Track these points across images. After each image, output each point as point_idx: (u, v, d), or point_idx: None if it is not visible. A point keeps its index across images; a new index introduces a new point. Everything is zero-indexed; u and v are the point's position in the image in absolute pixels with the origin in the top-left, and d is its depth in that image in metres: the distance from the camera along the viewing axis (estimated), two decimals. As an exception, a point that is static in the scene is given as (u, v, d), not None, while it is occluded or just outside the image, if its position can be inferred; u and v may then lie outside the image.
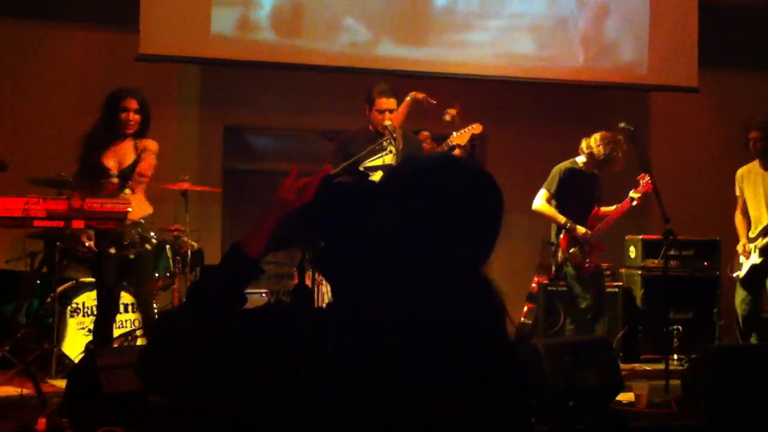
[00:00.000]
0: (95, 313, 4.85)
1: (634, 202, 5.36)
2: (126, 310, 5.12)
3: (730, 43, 7.58)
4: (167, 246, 5.48)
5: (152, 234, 4.64)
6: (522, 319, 6.08)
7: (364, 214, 1.38)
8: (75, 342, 4.98)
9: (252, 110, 7.03)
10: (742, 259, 5.58)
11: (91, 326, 5.04)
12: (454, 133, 4.91)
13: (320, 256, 1.45)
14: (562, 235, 5.22)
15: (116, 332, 5.09)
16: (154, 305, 5.15)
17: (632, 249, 6.39)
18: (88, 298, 5.09)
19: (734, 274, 5.66)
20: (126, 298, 5.09)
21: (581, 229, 5.19)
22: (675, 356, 5.72)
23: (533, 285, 6.00)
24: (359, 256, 1.38)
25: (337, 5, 6.68)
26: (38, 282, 5.26)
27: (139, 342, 5.01)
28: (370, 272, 1.36)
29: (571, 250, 5.20)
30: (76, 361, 4.61)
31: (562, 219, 5.19)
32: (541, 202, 5.23)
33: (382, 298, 1.31)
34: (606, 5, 7.12)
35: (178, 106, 6.90)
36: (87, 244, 4.66)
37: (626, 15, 7.16)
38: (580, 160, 5.29)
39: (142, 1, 6.21)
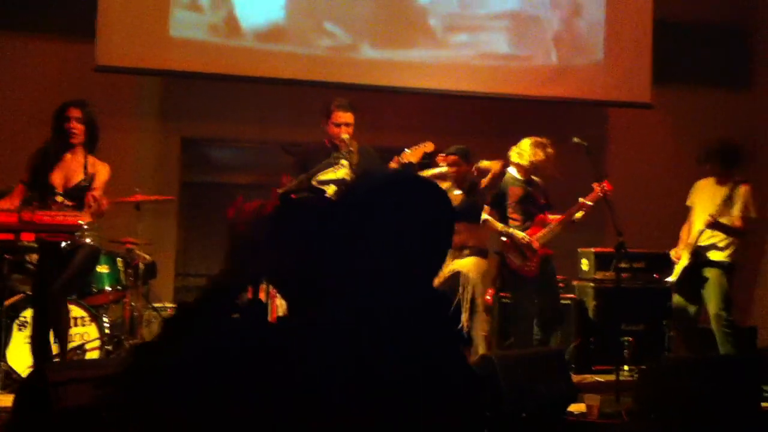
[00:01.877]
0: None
1: (584, 209, 5.44)
2: (76, 324, 5.03)
3: (685, 59, 7.72)
4: (118, 259, 5.42)
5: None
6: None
7: (320, 231, 1.39)
8: (23, 356, 4.87)
9: (211, 122, 6.96)
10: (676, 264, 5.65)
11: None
12: (407, 150, 4.95)
13: (276, 271, 1.46)
14: (503, 243, 5.40)
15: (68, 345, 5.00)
16: (105, 319, 5.07)
17: (585, 261, 6.47)
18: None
19: (667, 279, 5.77)
20: (76, 311, 5.00)
21: (519, 234, 5.35)
22: (626, 367, 5.78)
23: (487, 297, 6.05)
24: (315, 272, 1.39)
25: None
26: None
27: (89, 356, 4.92)
28: (324, 288, 1.37)
29: (510, 256, 5.36)
30: (24, 375, 4.52)
31: (499, 226, 5.40)
32: (484, 214, 5.37)
33: (337, 312, 1.32)
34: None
35: (137, 117, 6.82)
36: None
37: (584, 26, 7.27)
38: (511, 169, 5.48)
39: (99, 11, 6.16)
